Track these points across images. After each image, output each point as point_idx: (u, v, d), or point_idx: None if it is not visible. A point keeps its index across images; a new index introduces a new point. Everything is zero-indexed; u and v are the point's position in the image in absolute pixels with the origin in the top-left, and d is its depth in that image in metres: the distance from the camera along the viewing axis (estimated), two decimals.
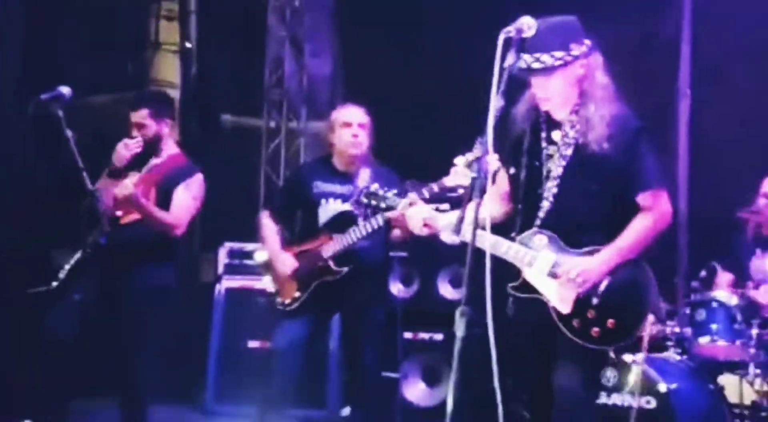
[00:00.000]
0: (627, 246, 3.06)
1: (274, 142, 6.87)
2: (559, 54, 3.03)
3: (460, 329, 2.61)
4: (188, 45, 6.90)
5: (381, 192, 3.55)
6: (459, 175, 3.49)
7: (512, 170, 3.24)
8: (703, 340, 4.31)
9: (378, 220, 4.13)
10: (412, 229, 3.43)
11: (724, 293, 4.37)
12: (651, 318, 3.48)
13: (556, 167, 3.14)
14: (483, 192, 2.78)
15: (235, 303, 5.79)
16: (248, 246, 5.78)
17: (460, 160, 3.44)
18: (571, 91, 3.12)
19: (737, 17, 5.14)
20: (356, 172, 4.49)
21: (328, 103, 6.76)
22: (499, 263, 3.11)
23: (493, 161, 3.25)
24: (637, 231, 3.08)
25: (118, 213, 4.44)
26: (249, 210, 6.21)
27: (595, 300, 3.06)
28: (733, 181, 4.91)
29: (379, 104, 4.81)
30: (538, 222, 3.15)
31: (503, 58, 2.82)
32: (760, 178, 4.59)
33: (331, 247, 4.34)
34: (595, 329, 3.05)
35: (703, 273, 4.50)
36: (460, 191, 3.73)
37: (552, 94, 3.12)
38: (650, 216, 3.10)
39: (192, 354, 5.87)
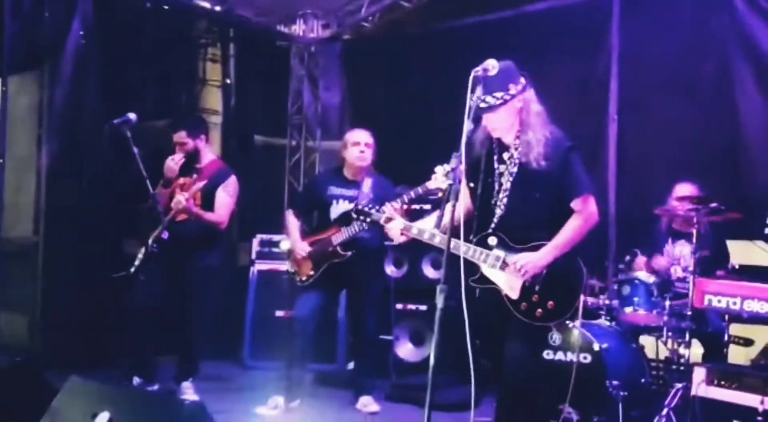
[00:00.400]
0: (562, 243, 3.07)
1: (295, 157, 6.86)
2: (499, 94, 3.03)
3: (439, 302, 2.64)
4: (228, 81, 6.86)
5: (367, 209, 3.54)
6: (438, 180, 3.50)
7: (471, 185, 3.24)
8: (628, 310, 4.31)
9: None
10: (392, 238, 3.39)
11: (644, 273, 4.38)
12: (582, 297, 3.47)
13: (506, 181, 3.14)
14: (457, 195, 2.80)
15: (265, 282, 5.78)
16: (275, 237, 5.78)
17: (439, 169, 3.44)
18: (513, 120, 3.12)
19: (654, 61, 5.15)
20: (361, 180, 4.51)
21: (337, 127, 6.78)
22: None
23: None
24: (570, 230, 3.08)
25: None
26: (275, 209, 6.24)
27: (537, 288, 3.07)
28: (650, 187, 4.92)
29: (376, 127, 4.82)
30: (493, 225, 3.15)
31: (473, 91, 2.87)
32: (672, 184, 4.59)
33: (339, 237, 4.37)
34: (539, 310, 3.07)
35: (627, 257, 4.51)
36: (440, 194, 3.74)
37: (497, 125, 3.13)
38: (581, 217, 3.10)
39: (232, 322, 5.86)
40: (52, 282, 5.43)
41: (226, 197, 4.57)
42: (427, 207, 5.29)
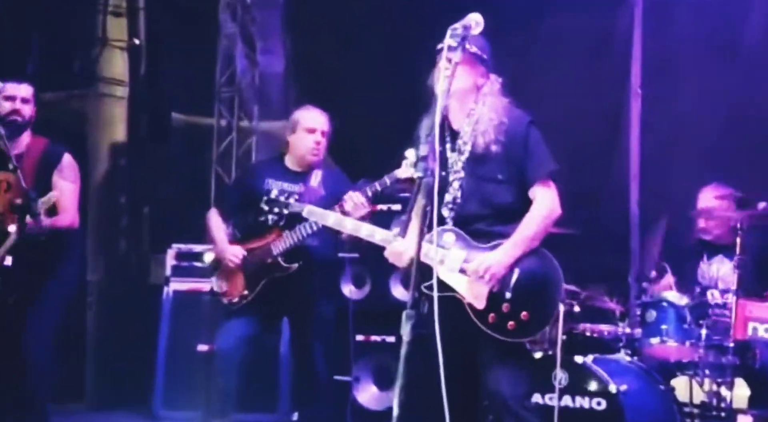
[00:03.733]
0: (526, 238, 3.18)
1: (225, 141, 6.78)
2: (474, 49, 3.15)
3: (405, 332, 2.61)
4: (137, 41, 6.76)
5: (282, 198, 3.53)
6: (410, 168, 3.50)
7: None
8: (654, 341, 4.30)
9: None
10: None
11: (674, 293, 4.37)
12: (561, 307, 3.55)
13: (457, 164, 3.26)
14: (431, 191, 2.76)
15: (183, 306, 5.70)
16: (197, 248, 5.71)
17: (411, 153, 3.45)
18: (469, 93, 3.25)
19: (687, 16, 5.15)
20: (309, 173, 4.45)
21: (280, 102, 6.71)
22: None
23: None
24: (532, 222, 3.19)
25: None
26: (199, 210, 6.12)
27: (508, 294, 3.16)
28: (682, 182, 4.91)
29: (331, 103, 4.74)
30: (449, 221, 3.24)
31: (449, 55, 2.84)
32: (711, 175, 4.59)
33: (280, 244, 4.30)
34: (511, 322, 3.14)
35: (653, 273, 4.50)
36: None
37: (457, 74, 3.02)
38: (542, 207, 3.22)
39: (140, 358, 5.79)
40: None
41: (68, 186, 4.32)
42: (396, 207, 5.28)
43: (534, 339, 3.41)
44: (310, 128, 4.43)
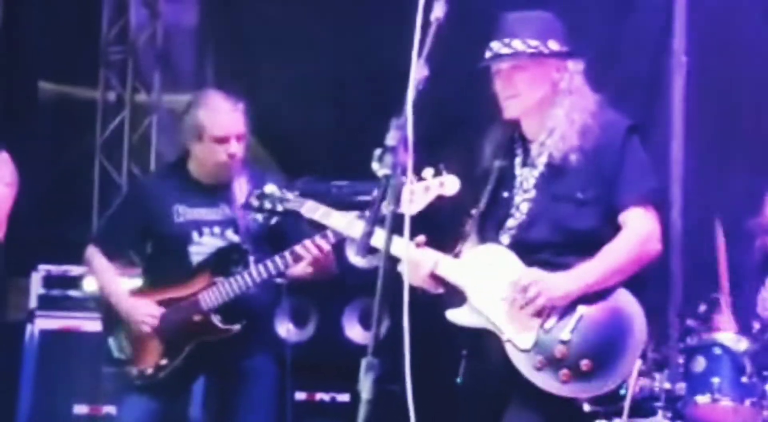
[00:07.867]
0: (605, 267, 3.26)
1: (113, 122, 6.81)
2: (534, 42, 3.38)
3: (366, 388, 2.60)
4: None
5: (278, 192, 3.63)
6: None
7: (474, 211, 3.45)
8: (702, 399, 4.35)
9: (281, 261, 4.12)
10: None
11: (730, 335, 4.43)
12: (639, 363, 3.54)
13: (528, 183, 3.46)
14: (398, 194, 2.79)
15: (54, 352, 5.68)
16: (73, 270, 5.70)
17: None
18: (543, 94, 3.44)
19: None
20: (229, 185, 4.41)
21: (190, 69, 6.71)
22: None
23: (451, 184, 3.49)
24: (619, 249, 3.30)
25: None
26: (76, 218, 6.09)
27: (566, 334, 3.18)
28: (741, 181, 4.99)
29: (262, 70, 4.74)
30: (506, 241, 3.39)
31: (428, 8, 2.83)
32: None
33: (212, 295, 4.28)
34: (564, 371, 3.17)
35: (702, 307, 4.55)
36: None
37: (520, 89, 3.41)
38: (633, 233, 3.33)
39: None
40: None
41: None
42: (351, 213, 5.29)
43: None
44: (219, 137, 4.34)
